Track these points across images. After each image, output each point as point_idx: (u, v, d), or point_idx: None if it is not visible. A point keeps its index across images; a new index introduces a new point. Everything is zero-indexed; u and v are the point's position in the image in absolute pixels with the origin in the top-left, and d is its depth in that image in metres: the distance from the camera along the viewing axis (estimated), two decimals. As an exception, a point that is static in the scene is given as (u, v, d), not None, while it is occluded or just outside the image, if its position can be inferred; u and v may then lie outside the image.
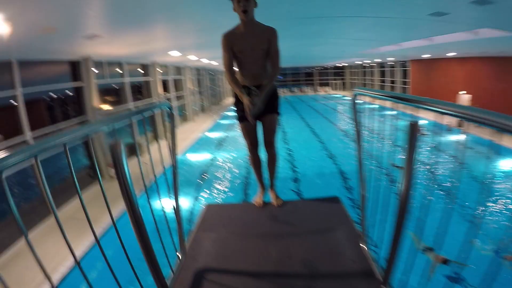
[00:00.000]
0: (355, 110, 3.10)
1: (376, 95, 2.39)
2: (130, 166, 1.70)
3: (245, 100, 3.40)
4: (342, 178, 11.87)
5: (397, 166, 11.22)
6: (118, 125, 2.07)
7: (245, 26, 3.36)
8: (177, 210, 3.03)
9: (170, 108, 2.87)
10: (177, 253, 3.03)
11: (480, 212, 8.82)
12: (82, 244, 7.32)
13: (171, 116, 2.98)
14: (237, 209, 4.06)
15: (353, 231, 3.24)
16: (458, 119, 1.75)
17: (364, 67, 47.17)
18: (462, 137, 17.37)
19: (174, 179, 3.03)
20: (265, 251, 2.95)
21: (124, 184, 1.73)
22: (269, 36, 3.41)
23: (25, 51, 8.64)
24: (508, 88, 20.14)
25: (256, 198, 3.98)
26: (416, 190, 1.91)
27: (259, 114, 3.59)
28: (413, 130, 1.75)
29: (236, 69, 3.62)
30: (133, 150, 14.49)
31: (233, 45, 3.42)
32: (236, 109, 3.71)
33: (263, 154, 3.98)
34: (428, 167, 12.58)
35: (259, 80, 3.54)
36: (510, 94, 20.03)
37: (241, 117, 3.64)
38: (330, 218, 3.53)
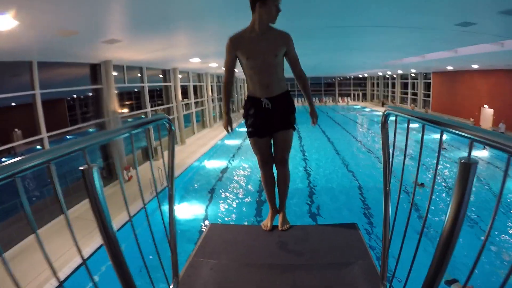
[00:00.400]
0: (386, 132, 2.59)
1: (412, 118, 2.02)
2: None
3: (224, 121, 3.33)
4: (360, 196, 11.49)
5: (420, 185, 10.86)
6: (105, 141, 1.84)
7: (259, 28, 3.03)
8: (172, 240, 2.70)
9: (169, 122, 2.57)
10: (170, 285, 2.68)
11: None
12: (88, 245, 7.30)
13: (169, 133, 2.63)
14: (243, 231, 3.65)
15: (371, 268, 2.83)
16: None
17: (386, 78, 46.63)
18: (484, 153, 16.82)
19: (170, 205, 2.69)
20: (269, 285, 2.68)
21: (99, 213, 1.50)
22: (284, 41, 3.06)
23: (46, 53, 8.69)
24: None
25: (265, 220, 3.60)
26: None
27: (272, 128, 3.26)
28: (467, 171, 1.39)
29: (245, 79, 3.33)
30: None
31: (239, 50, 3.08)
32: (246, 122, 3.35)
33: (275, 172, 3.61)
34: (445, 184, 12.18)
35: (271, 90, 3.15)
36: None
37: (250, 132, 3.31)
38: (345, 249, 3.10)
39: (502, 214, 9.60)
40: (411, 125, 2.12)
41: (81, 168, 1.46)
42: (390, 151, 2.58)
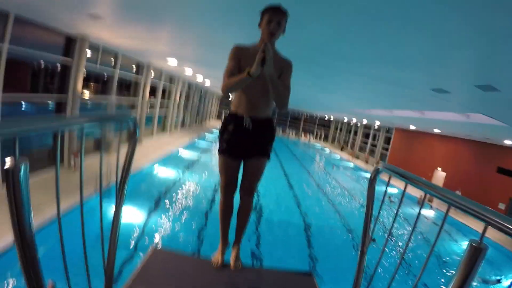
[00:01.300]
0: (372, 190, 2.46)
1: (408, 181, 1.96)
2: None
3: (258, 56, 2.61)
4: (309, 239, 11.38)
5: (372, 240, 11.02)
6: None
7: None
8: (110, 257, 2.44)
9: (134, 124, 2.39)
10: None
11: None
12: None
13: (131, 135, 2.43)
14: (189, 263, 3.27)
15: None
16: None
17: (350, 125, 48.05)
18: (430, 212, 17.55)
19: (115, 221, 2.46)
20: None
21: (17, 217, 1.29)
22: (283, 67, 2.97)
23: (26, 8, 8.24)
24: (485, 173, 20.68)
25: (216, 254, 3.32)
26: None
27: (246, 152, 3.10)
28: (476, 255, 1.39)
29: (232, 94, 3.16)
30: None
31: (241, 60, 2.92)
32: (221, 137, 3.15)
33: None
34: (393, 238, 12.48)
35: (256, 111, 3.03)
36: (485, 180, 20.55)
37: (223, 149, 3.11)
38: None
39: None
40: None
41: (7, 162, 1.24)
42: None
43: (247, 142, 3.05)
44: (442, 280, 9.91)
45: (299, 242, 10.88)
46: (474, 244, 1.35)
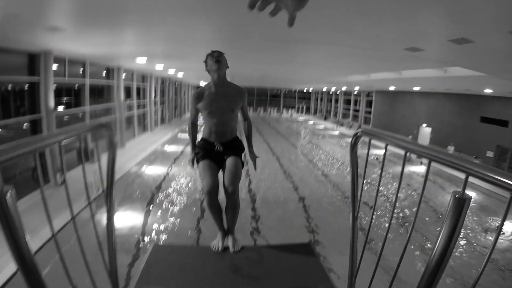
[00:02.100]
0: (354, 155, 2.56)
1: (388, 140, 1.99)
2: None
3: (190, 157, 3.58)
4: (303, 210, 11.66)
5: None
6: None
7: (216, 86, 3.40)
8: (111, 263, 2.48)
9: (110, 134, 2.38)
10: None
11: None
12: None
13: (109, 143, 2.42)
14: (190, 253, 3.37)
15: None
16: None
17: (330, 94, 48.24)
18: (422, 169, 17.94)
19: (109, 226, 2.47)
20: None
21: (14, 243, 1.34)
22: (239, 97, 3.49)
23: None
24: (469, 124, 21.12)
25: (215, 240, 3.49)
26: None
27: (221, 157, 3.49)
28: (460, 205, 1.42)
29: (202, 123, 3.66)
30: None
31: (200, 104, 3.45)
32: (197, 153, 3.55)
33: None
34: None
35: (225, 137, 3.54)
36: (470, 130, 20.98)
37: (203, 155, 3.47)
38: (303, 272, 2.97)
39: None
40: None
41: None
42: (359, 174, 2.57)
43: (220, 156, 3.51)
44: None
45: (297, 215, 11.17)
46: (457, 196, 1.39)
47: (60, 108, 13.25)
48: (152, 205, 11.52)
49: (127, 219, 10.29)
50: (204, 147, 3.51)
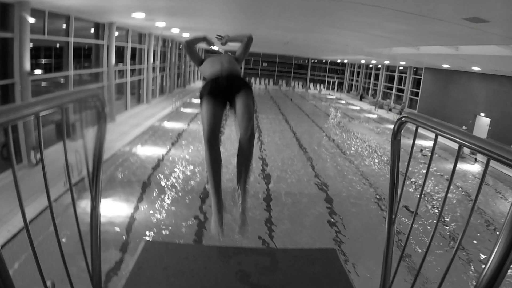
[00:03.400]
0: (397, 145, 2.49)
1: (439, 129, 1.90)
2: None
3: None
4: (329, 210, 11.68)
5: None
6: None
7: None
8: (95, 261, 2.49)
9: (102, 102, 2.38)
10: None
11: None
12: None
13: (99, 115, 2.39)
14: (189, 253, 3.34)
15: None
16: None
17: (369, 68, 47.69)
18: (476, 168, 17.74)
19: (93, 219, 2.47)
20: None
21: None
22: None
23: None
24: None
25: (213, 223, 3.27)
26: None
27: (230, 93, 3.56)
28: None
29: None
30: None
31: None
32: (202, 91, 3.57)
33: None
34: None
35: (228, 70, 3.77)
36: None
37: (208, 92, 3.51)
38: (322, 280, 2.97)
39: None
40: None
41: None
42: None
43: (227, 88, 3.58)
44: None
45: (318, 215, 11.20)
46: None
47: (38, 72, 13.36)
48: (145, 194, 11.66)
49: (115, 209, 10.43)
50: (209, 84, 3.63)
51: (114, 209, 10.36)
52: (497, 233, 9.01)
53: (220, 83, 3.57)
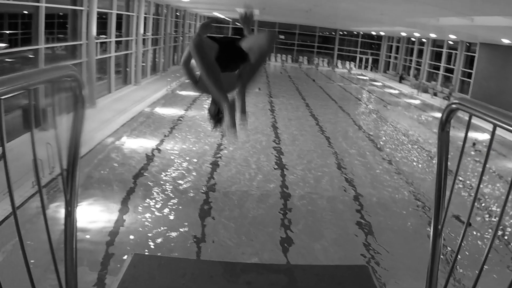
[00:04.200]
0: (446, 138, 2.42)
1: (499, 119, 1.82)
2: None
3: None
4: (359, 215, 11.60)
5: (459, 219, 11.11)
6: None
7: None
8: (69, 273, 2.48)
9: (78, 82, 2.35)
10: None
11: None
12: None
13: (75, 99, 2.36)
14: (187, 269, 3.28)
15: None
16: None
17: (411, 42, 47.35)
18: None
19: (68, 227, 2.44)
20: None
21: None
22: None
23: None
24: None
25: (227, 127, 3.35)
26: None
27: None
28: None
29: None
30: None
31: None
32: None
33: None
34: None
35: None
36: None
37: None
38: None
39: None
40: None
41: None
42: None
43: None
44: None
45: (344, 223, 11.12)
46: None
47: (0, 45, 13.41)
48: (132, 197, 11.62)
49: (95, 215, 10.38)
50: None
51: (94, 216, 10.29)
52: None
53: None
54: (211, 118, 3.57)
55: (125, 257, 8.47)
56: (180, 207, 11.19)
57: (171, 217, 10.65)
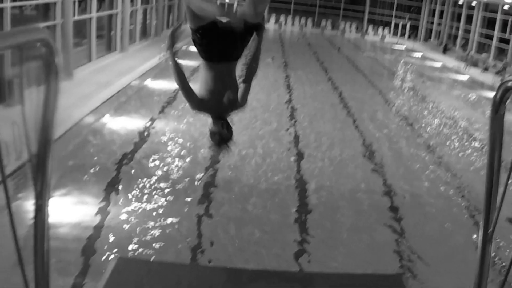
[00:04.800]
0: (499, 122, 2.35)
1: None
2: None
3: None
4: (388, 209, 11.66)
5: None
6: None
7: None
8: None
9: (52, 48, 2.37)
10: None
11: None
12: None
13: (47, 69, 2.37)
14: (182, 276, 3.29)
15: None
16: None
17: (458, 5, 46.99)
18: None
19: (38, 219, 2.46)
20: None
21: None
22: None
23: None
24: None
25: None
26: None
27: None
28: None
29: None
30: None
31: None
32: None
33: None
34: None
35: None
36: None
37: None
38: None
39: None
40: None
41: None
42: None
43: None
44: None
45: (373, 224, 11.10)
46: None
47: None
48: (117, 189, 11.64)
49: (71, 209, 10.39)
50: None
51: (69, 210, 10.30)
52: None
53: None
54: (215, 139, 4.35)
55: (103, 258, 8.60)
56: (171, 201, 11.19)
57: (160, 213, 10.61)
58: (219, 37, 4.34)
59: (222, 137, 4.66)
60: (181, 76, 4.76)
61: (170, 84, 21.36)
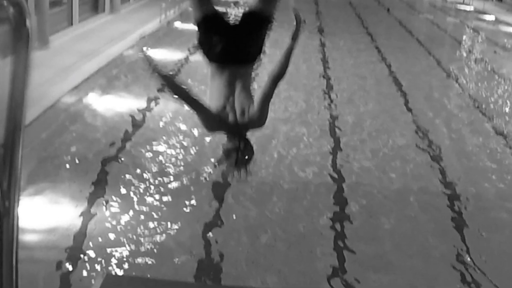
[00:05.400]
0: None
1: None
2: None
3: None
4: (447, 206, 11.64)
5: None
6: None
7: None
8: None
9: (22, 9, 2.38)
10: None
11: None
12: None
13: (18, 37, 2.40)
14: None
15: None
16: None
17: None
18: None
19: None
20: None
21: None
22: None
23: None
24: None
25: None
26: None
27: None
28: None
29: None
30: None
31: None
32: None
33: None
34: None
35: None
36: None
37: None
38: None
39: None
40: None
41: None
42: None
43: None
44: None
45: (427, 234, 10.95)
46: None
47: None
48: (102, 185, 11.66)
49: (46, 212, 10.40)
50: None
51: (43, 214, 10.31)
52: None
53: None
54: (230, 159, 4.50)
55: (85, 274, 8.60)
56: (170, 202, 11.18)
57: (156, 218, 10.55)
58: (224, 30, 4.61)
59: (239, 156, 4.62)
60: (181, 89, 4.86)
61: (172, 54, 21.44)
